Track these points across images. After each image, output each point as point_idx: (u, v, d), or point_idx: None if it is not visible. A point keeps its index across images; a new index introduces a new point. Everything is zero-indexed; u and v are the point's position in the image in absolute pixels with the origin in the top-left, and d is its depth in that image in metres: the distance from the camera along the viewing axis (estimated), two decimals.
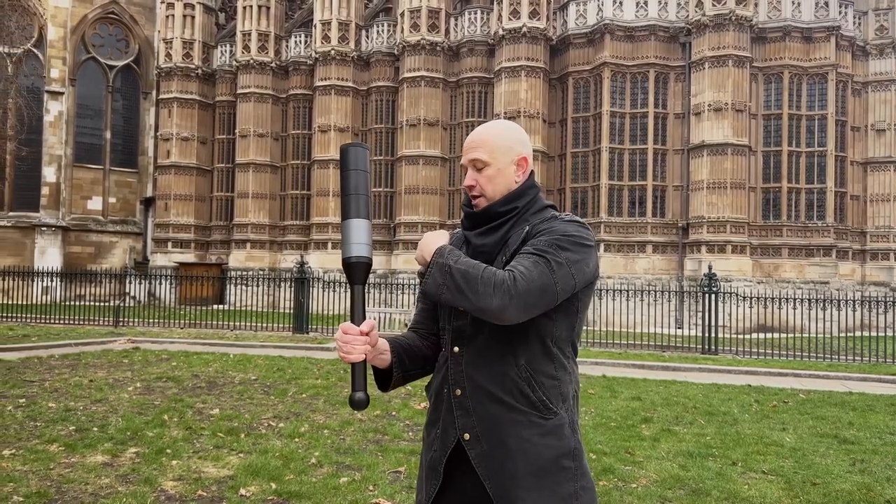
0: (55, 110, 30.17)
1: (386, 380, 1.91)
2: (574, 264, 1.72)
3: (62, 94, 30.24)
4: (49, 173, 29.99)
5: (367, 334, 1.71)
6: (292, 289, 17.75)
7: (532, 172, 1.94)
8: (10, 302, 19.81)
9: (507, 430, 1.77)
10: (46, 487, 4.57)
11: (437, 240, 1.76)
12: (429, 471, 1.88)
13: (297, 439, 6.08)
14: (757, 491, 4.95)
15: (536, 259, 1.69)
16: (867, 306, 15.69)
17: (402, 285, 18.94)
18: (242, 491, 4.62)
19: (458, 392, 1.82)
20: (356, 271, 1.75)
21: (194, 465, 5.19)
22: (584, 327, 11.53)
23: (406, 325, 15.09)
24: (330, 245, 26.91)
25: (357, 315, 1.74)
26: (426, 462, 1.90)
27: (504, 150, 1.90)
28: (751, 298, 15.58)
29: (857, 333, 17.78)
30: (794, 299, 15.31)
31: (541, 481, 1.75)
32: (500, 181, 1.89)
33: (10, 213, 30.07)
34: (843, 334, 16.07)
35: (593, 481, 1.88)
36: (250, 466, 5.13)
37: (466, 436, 1.79)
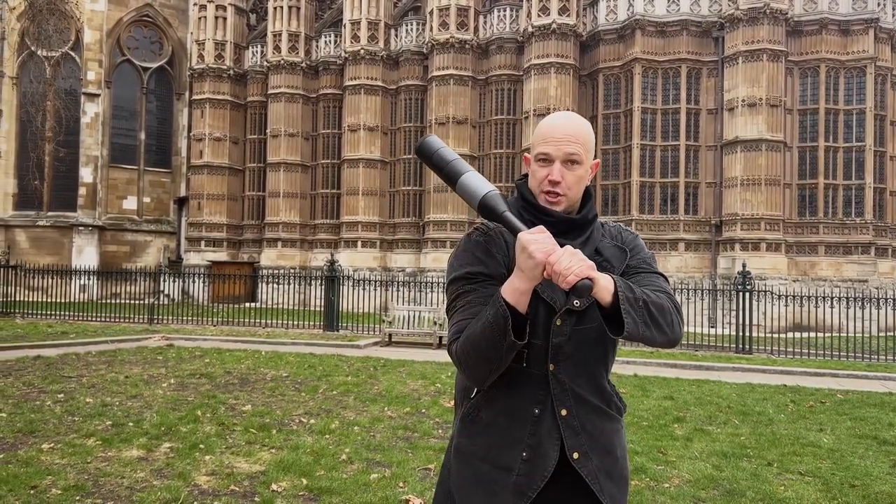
0: (91, 112, 30.78)
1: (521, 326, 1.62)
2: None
3: (98, 96, 30.83)
4: (86, 174, 30.61)
5: None
6: (322, 287, 17.88)
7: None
8: (49, 300, 20.28)
9: (613, 440, 1.78)
10: (84, 481, 4.66)
11: (587, 263, 1.53)
12: (516, 496, 1.70)
13: (327, 436, 6.12)
14: (793, 492, 4.85)
15: (666, 285, 1.78)
16: None
17: (432, 283, 18.96)
18: (274, 486, 4.66)
19: (564, 412, 1.71)
20: (497, 201, 1.65)
21: (227, 461, 5.25)
22: None
23: (436, 322, 15.09)
24: (360, 243, 27.05)
25: (522, 226, 1.61)
26: (510, 485, 1.70)
27: (592, 150, 1.80)
28: (786, 297, 15.28)
29: None
30: (832, 298, 14.99)
31: (628, 482, 1.85)
32: (584, 184, 1.79)
33: (49, 213, 30.76)
34: (882, 334, 15.68)
35: None
36: (282, 462, 5.17)
37: (576, 455, 1.71)
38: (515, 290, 1.58)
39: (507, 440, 1.72)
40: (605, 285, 1.57)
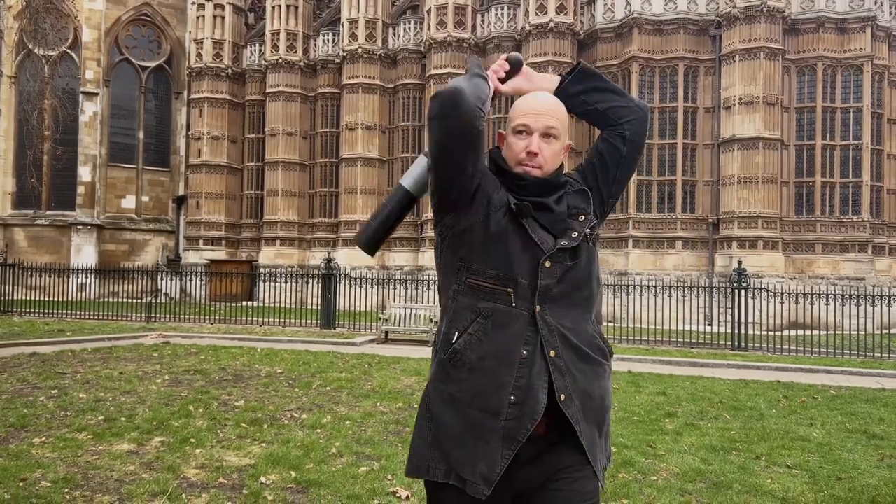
0: (90, 111, 30.79)
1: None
2: None
3: (97, 94, 30.84)
4: (84, 173, 30.62)
5: None
6: (320, 285, 17.91)
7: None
8: (47, 298, 20.31)
9: (593, 382, 1.79)
10: (73, 473, 4.69)
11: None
12: (505, 441, 1.69)
13: (318, 430, 6.14)
14: (780, 485, 4.88)
15: None
16: None
17: (429, 281, 18.97)
18: (263, 479, 4.68)
19: (553, 353, 1.72)
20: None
21: (217, 454, 5.27)
22: (612, 324, 11.42)
23: (432, 320, 15.11)
24: None
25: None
26: (499, 430, 1.69)
27: (567, 129, 1.89)
28: (782, 294, 15.31)
29: (894, 331, 17.35)
30: (827, 295, 15.02)
31: (606, 426, 1.87)
32: (559, 161, 1.89)
33: (48, 212, 30.78)
34: (878, 331, 15.70)
35: None
36: (271, 456, 5.20)
37: (562, 396, 1.72)
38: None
39: (495, 384, 1.71)
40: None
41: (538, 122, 1.80)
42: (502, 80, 1.92)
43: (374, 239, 1.95)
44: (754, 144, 21.25)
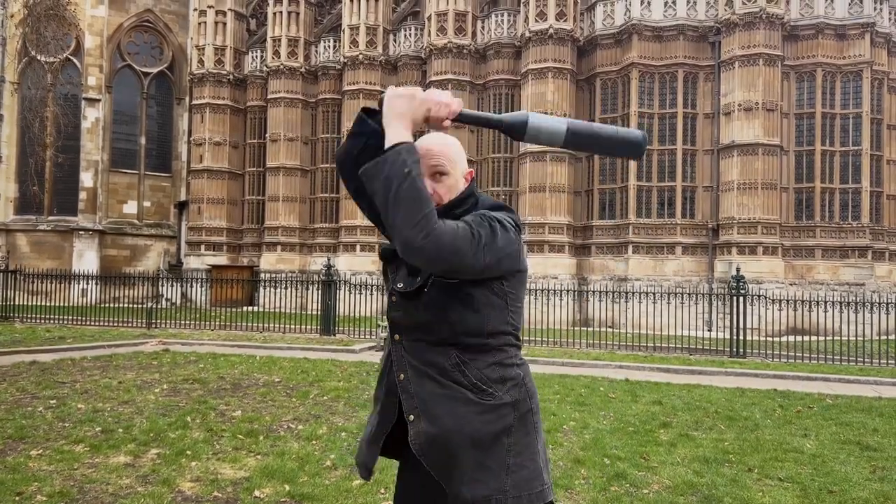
0: (92, 117, 30.92)
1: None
2: (490, 243, 1.81)
3: (99, 101, 30.97)
4: (86, 178, 30.74)
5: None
6: (320, 291, 17.95)
7: (473, 181, 2.04)
8: (49, 304, 20.37)
9: (442, 406, 1.87)
10: (69, 487, 4.73)
11: (402, 122, 1.82)
12: (370, 444, 2.03)
13: (314, 441, 6.18)
14: (771, 498, 4.91)
15: (465, 227, 1.80)
16: None
17: None
18: (257, 493, 4.72)
19: (402, 376, 1.93)
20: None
21: (212, 467, 5.31)
22: (611, 330, 11.38)
23: None
24: (358, 247, 27.14)
25: None
26: (366, 436, 2.06)
27: (460, 161, 2.02)
28: (781, 301, 15.34)
29: (893, 337, 17.37)
30: (826, 301, 15.03)
31: (474, 452, 1.85)
32: (455, 192, 1.99)
33: (50, 218, 30.90)
34: (878, 337, 15.71)
35: (538, 464, 1.94)
36: (266, 468, 5.24)
37: (411, 417, 1.89)
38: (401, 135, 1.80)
39: (376, 398, 2.05)
40: (390, 137, 1.78)
41: (424, 164, 1.90)
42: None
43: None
44: (754, 150, 21.29)
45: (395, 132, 1.77)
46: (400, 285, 1.94)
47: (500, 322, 1.93)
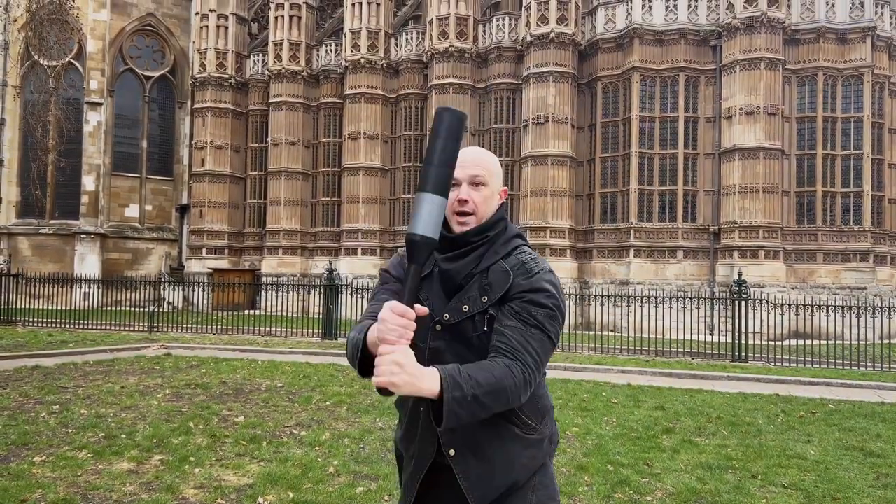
0: (94, 121, 30.98)
1: (370, 366, 1.76)
2: (558, 330, 1.87)
3: (101, 104, 31.03)
4: (88, 182, 30.79)
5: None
6: (321, 295, 17.96)
7: (504, 204, 2.02)
8: (51, 307, 20.39)
9: (492, 443, 1.85)
10: (73, 494, 4.73)
11: (423, 372, 1.65)
12: (407, 485, 1.96)
13: (317, 448, 6.18)
14: None
15: (541, 339, 1.80)
16: None
17: None
18: (261, 500, 4.72)
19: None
20: (420, 251, 1.66)
21: (216, 473, 5.31)
22: (613, 334, 11.30)
23: None
24: (360, 251, 27.16)
25: (410, 297, 1.66)
26: (405, 477, 1.98)
27: (497, 177, 2.00)
28: (783, 305, 15.32)
29: (895, 340, 17.35)
30: (828, 306, 15.01)
31: (516, 493, 1.88)
32: (491, 205, 1.96)
33: (52, 221, 30.93)
34: (880, 341, 15.69)
35: (553, 492, 1.97)
36: (270, 475, 5.24)
37: (452, 451, 1.84)
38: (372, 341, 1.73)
39: (407, 434, 1.97)
40: (429, 388, 1.64)
41: (464, 173, 1.91)
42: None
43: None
44: (755, 154, 21.30)
45: (429, 382, 1.66)
46: (447, 317, 1.86)
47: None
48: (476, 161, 1.95)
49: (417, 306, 1.67)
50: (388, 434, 6.80)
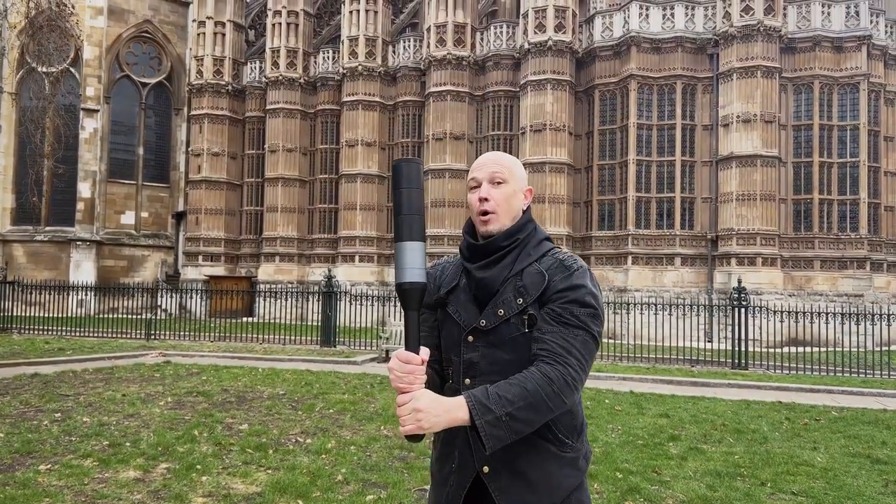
0: (90, 127, 30.89)
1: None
2: (601, 329, 1.83)
3: (97, 111, 30.95)
4: (84, 189, 30.67)
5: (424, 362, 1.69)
6: (320, 302, 17.91)
7: (529, 207, 2.01)
8: (46, 315, 20.27)
9: (529, 461, 1.80)
10: (81, 503, 4.69)
11: (449, 406, 1.66)
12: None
13: (323, 455, 6.15)
14: None
15: (585, 339, 1.77)
16: None
17: None
18: None
19: None
20: (411, 297, 1.70)
21: (223, 481, 5.27)
22: (612, 341, 11.30)
23: None
24: (357, 258, 27.12)
25: (412, 342, 1.70)
26: (443, 498, 1.89)
27: (519, 176, 1.98)
28: (781, 312, 15.35)
29: (893, 348, 17.41)
30: (826, 313, 15.06)
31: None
32: (514, 203, 1.93)
33: (47, 228, 30.78)
34: (878, 348, 15.73)
35: None
36: (278, 483, 5.20)
37: (486, 468, 1.80)
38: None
39: (443, 453, 1.91)
40: (461, 417, 1.66)
41: (483, 172, 1.93)
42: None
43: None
44: (752, 162, 21.38)
45: (458, 413, 1.67)
46: (483, 322, 1.83)
47: None
48: (495, 160, 1.96)
49: (422, 349, 1.70)
50: (394, 442, 6.77)
